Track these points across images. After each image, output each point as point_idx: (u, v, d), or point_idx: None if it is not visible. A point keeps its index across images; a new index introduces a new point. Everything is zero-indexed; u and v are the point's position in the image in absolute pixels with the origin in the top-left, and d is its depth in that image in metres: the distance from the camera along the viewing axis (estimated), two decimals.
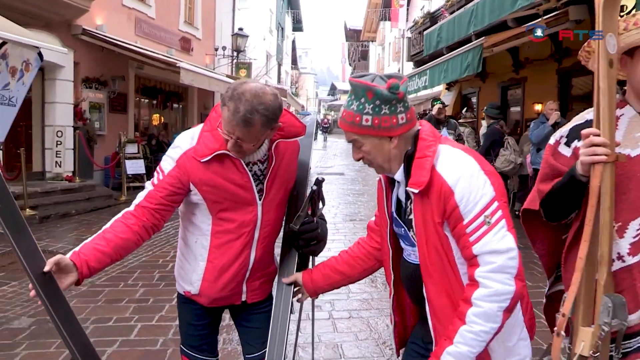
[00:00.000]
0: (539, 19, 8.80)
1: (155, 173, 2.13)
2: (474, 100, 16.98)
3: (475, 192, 1.64)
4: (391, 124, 1.71)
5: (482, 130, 7.15)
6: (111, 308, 5.03)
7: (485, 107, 8.98)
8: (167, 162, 2.09)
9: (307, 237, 2.19)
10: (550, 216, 1.91)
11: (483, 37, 8.86)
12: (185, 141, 2.11)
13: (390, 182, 1.92)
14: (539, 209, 1.92)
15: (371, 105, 1.69)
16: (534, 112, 12.30)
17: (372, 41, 47.84)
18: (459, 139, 7.91)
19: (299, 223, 2.14)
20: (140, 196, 2.09)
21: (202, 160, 2.01)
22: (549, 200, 1.87)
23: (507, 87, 14.54)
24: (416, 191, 1.69)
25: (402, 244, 1.94)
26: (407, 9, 30.58)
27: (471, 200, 1.64)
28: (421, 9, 28.03)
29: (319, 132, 41.52)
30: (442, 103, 7.97)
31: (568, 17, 9.06)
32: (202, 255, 2.18)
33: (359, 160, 1.84)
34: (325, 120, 40.10)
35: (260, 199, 2.15)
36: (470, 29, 7.85)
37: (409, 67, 31.00)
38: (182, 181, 2.06)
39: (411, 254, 1.89)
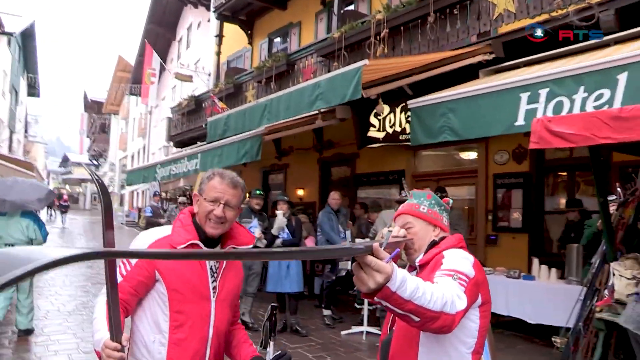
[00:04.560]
0: (316, 113, 9.69)
1: (121, 264, 2.20)
2: None
3: (459, 263, 1.99)
4: (439, 218, 2.28)
5: (280, 217, 7.41)
6: None
7: (278, 194, 9.32)
8: None
9: None
10: None
11: (263, 127, 9.37)
12: (153, 235, 2.30)
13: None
14: None
15: (428, 202, 2.30)
16: (296, 197, 13.25)
17: (115, 114, 46.52)
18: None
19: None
20: None
21: (177, 247, 2.18)
22: None
23: (269, 172, 15.43)
24: (417, 264, 2.19)
25: None
26: (157, 87, 30.62)
27: (453, 263, 1.98)
28: (172, 88, 28.41)
29: (55, 211, 36.87)
30: (262, 194, 8.12)
31: (335, 114, 10.20)
32: (162, 353, 2.21)
33: None
34: (65, 197, 35.82)
35: (214, 296, 2.29)
36: (263, 122, 8.29)
37: (157, 144, 30.82)
38: (149, 270, 2.18)
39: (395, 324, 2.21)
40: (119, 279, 2.12)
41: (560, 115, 4.29)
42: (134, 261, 2.18)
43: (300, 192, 13.67)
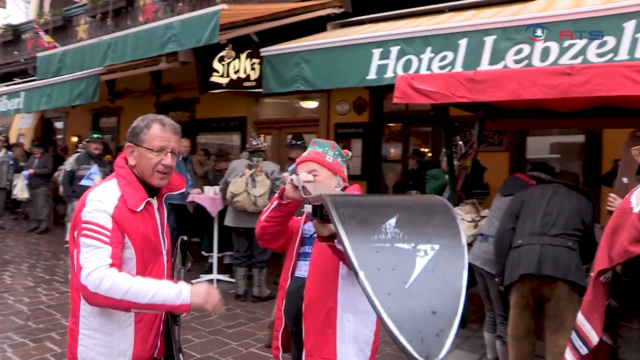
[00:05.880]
0: (159, 55, 9.30)
1: (91, 232, 1.98)
2: (59, 125, 16.32)
3: None
4: (341, 168, 2.46)
5: None
6: None
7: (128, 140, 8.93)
8: (103, 217, 2.01)
9: None
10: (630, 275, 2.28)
11: (101, 67, 8.82)
12: (109, 195, 2.07)
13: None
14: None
15: (332, 153, 2.45)
16: None
17: None
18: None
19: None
20: (102, 257, 1.94)
21: (137, 210, 2.07)
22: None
23: (101, 114, 14.54)
24: None
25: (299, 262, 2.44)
26: None
27: None
28: None
29: None
30: (100, 138, 7.65)
31: (177, 57, 9.90)
32: (129, 319, 2.10)
33: None
34: None
35: (164, 248, 2.26)
36: (106, 62, 7.76)
37: None
38: (122, 234, 2.03)
39: (302, 268, 2.39)
40: (106, 247, 1.97)
41: (422, 74, 4.67)
42: (108, 225, 1.99)
43: None
